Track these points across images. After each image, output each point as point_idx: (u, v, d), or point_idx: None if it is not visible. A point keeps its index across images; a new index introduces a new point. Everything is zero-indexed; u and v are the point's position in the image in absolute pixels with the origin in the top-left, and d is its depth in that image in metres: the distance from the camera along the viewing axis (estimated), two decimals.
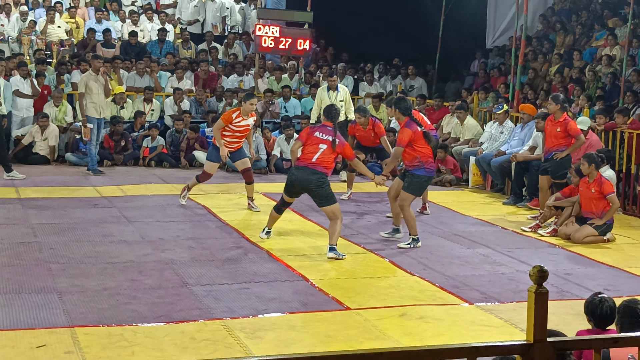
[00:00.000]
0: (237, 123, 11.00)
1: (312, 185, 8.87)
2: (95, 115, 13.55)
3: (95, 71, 13.58)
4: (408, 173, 9.42)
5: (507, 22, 19.58)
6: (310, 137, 9.06)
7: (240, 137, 11.17)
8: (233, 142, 11.14)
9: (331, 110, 9.31)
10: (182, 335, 6.37)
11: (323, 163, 8.93)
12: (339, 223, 8.92)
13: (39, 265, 8.15)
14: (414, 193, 9.42)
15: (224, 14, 19.60)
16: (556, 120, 11.01)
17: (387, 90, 18.06)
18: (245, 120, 11.05)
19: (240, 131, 11.08)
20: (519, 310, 7.18)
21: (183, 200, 11.40)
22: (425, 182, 9.55)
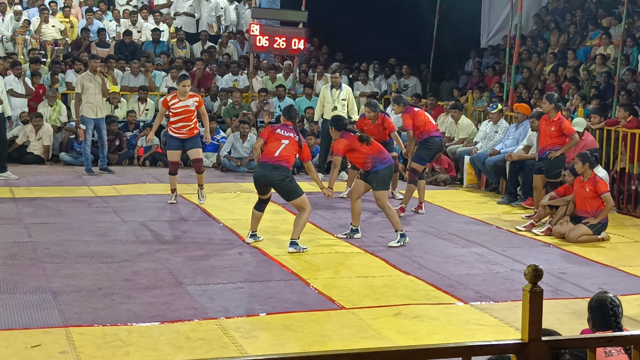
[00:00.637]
0: (174, 105, 11.15)
1: (276, 180, 9.00)
2: (91, 115, 13.54)
3: (92, 71, 13.58)
4: (369, 172, 9.50)
5: (502, 22, 19.59)
6: (272, 134, 9.20)
7: (184, 120, 11.21)
8: (180, 127, 11.22)
9: (290, 110, 9.49)
10: (177, 334, 6.36)
11: (285, 157, 9.04)
12: (306, 215, 9.10)
13: (33, 265, 8.14)
14: (384, 188, 9.53)
15: (219, 13, 19.59)
16: (550, 120, 11.03)
17: (381, 90, 18.08)
18: (183, 101, 11.16)
19: (181, 113, 11.15)
20: (513, 309, 7.19)
21: (203, 199, 11.55)
22: (389, 172, 9.63)
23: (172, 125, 11.27)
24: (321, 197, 12.27)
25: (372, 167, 9.49)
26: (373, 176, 9.47)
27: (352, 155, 9.74)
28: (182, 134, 11.27)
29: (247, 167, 14.53)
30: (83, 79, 13.56)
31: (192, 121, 11.29)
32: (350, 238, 9.72)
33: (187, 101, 11.19)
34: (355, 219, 9.85)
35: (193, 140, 11.39)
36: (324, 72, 17.33)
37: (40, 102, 15.35)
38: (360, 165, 9.75)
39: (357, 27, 19.77)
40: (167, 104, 11.23)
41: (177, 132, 11.24)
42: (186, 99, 11.20)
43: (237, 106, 16.11)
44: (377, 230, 10.25)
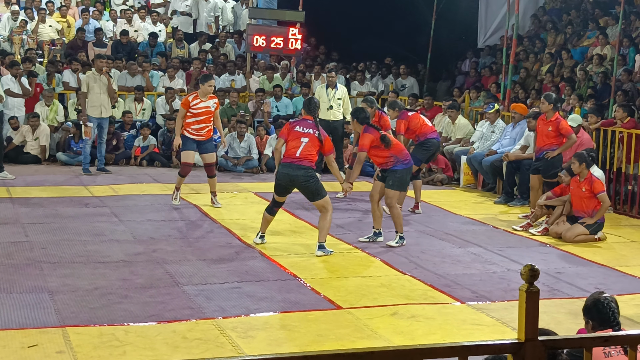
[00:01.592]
0: (196, 106, 10.98)
1: (301, 181, 8.88)
2: (95, 114, 13.55)
3: (98, 71, 13.60)
4: (388, 171, 9.44)
5: (499, 22, 19.61)
6: (291, 132, 9.01)
7: (204, 121, 11.07)
8: (199, 128, 11.06)
9: (310, 103, 9.24)
10: (174, 334, 6.36)
11: (307, 157, 8.90)
12: (329, 217, 8.95)
13: (30, 265, 8.13)
14: (399, 188, 9.47)
15: (217, 13, 19.60)
16: (548, 120, 11.04)
17: (378, 90, 18.08)
18: (204, 102, 11.03)
19: (202, 114, 11.01)
20: (510, 309, 7.20)
21: (175, 201, 11.31)
22: (407, 174, 9.56)
23: (191, 127, 11.05)
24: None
25: (393, 165, 9.39)
26: (391, 174, 9.39)
27: (374, 152, 9.43)
28: (200, 135, 11.11)
29: (244, 166, 14.53)
30: (89, 78, 13.58)
31: (210, 123, 11.18)
32: (373, 242, 9.60)
33: (208, 102, 11.09)
34: (378, 222, 9.67)
35: (209, 143, 11.27)
36: (321, 72, 17.34)
37: (37, 102, 15.34)
38: (380, 163, 9.53)
39: (354, 27, 19.78)
40: (188, 104, 11.02)
41: (195, 133, 11.06)
42: (207, 100, 11.09)
43: (234, 106, 16.11)
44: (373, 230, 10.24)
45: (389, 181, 9.43)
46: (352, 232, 10.14)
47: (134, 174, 13.86)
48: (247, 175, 14.24)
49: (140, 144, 15.08)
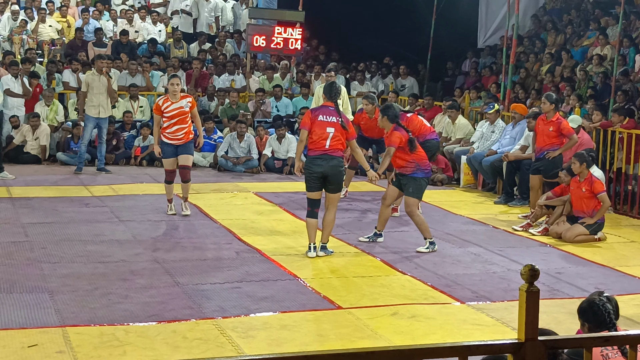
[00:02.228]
0: (167, 108, 10.44)
1: (335, 170, 8.64)
2: (94, 114, 13.56)
3: (98, 71, 13.62)
4: (406, 177, 9.28)
5: (499, 22, 19.62)
6: (314, 122, 8.67)
7: (179, 123, 10.48)
8: (175, 131, 10.50)
9: (332, 88, 8.90)
10: (174, 334, 6.36)
11: (337, 147, 8.67)
12: (334, 214, 8.85)
13: (30, 265, 8.13)
14: (418, 196, 9.34)
15: (217, 13, 19.61)
16: (548, 120, 11.03)
17: (378, 90, 18.08)
18: (175, 103, 10.45)
19: (175, 116, 10.43)
20: (510, 309, 7.20)
21: (171, 212, 10.72)
22: (425, 183, 9.43)
23: (167, 131, 10.50)
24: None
25: (412, 172, 9.21)
26: (411, 182, 9.23)
27: (397, 153, 9.20)
28: (178, 139, 10.53)
29: (243, 166, 14.53)
30: (88, 78, 13.60)
31: (187, 124, 10.55)
32: (373, 242, 9.57)
33: (180, 102, 10.49)
34: (382, 224, 9.61)
35: (187, 145, 10.66)
36: (321, 72, 17.34)
37: (37, 102, 15.35)
38: (400, 166, 9.31)
39: (354, 27, 19.78)
40: (159, 108, 10.48)
41: (172, 137, 10.51)
42: (178, 100, 10.49)
43: (234, 106, 16.11)
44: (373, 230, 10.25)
45: (408, 189, 9.25)
46: (352, 232, 10.14)
47: (134, 174, 13.86)
48: (247, 175, 14.24)
49: (140, 144, 15.08)
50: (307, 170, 8.69)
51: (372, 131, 11.94)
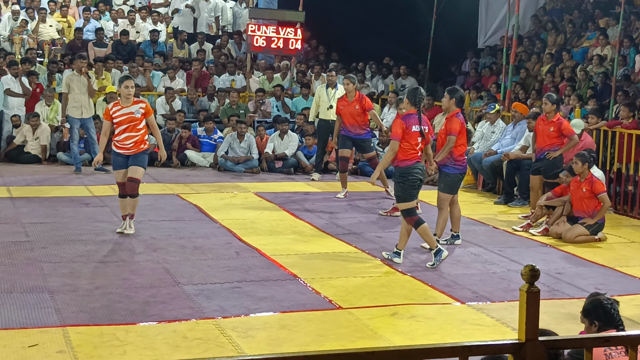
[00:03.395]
0: (116, 113, 9.30)
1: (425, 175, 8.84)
2: (76, 115, 13.59)
3: (78, 71, 13.60)
4: (440, 172, 9.30)
5: (499, 22, 19.62)
6: (408, 133, 8.54)
7: (129, 130, 9.32)
8: (124, 139, 9.35)
9: (416, 94, 8.73)
10: (174, 334, 6.37)
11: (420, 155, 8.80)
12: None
13: (30, 265, 8.14)
14: (451, 192, 9.35)
15: (217, 13, 19.61)
16: (549, 120, 11.02)
17: (378, 90, 18.09)
18: (125, 108, 9.32)
19: (123, 122, 9.25)
20: (510, 310, 7.20)
21: (130, 229, 9.55)
22: (459, 179, 9.46)
23: (115, 139, 9.41)
24: (316, 198, 12.30)
25: (446, 167, 9.22)
26: (443, 176, 9.31)
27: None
28: (126, 148, 9.38)
29: (243, 166, 14.53)
30: (68, 79, 13.62)
31: (138, 132, 9.37)
32: (450, 245, 9.52)
33: (131, 108, 9.35)
34: (456, 225, 9.66)
35: (138, 156, 9.44)
36: (321, 72, 17.35)
37: (38, 102, 15.35)
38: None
39: (354, 27, 19.78)
40: (107, 113, 9.41)
41: (121, 146, 9.39)
42: (129, 105, 9.35)
43: (234, 106, 16.11)
44: (374, 231, 10.26)
45: (441, 183, 9.32)
46: (352, 232, 10.15)
47: None
48: (247, 175, 14.24)
49: None
50: (411, 179, 8.58)
51: (352, 118, 11.90)
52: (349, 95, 11.94)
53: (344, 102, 11.96)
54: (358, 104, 11.93)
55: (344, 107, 11.99)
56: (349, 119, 11.99)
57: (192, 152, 15.03)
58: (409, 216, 8.63)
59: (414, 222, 8.62)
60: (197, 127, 15.59)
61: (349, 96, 11.94)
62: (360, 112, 11.86)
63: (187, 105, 16.22)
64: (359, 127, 12.02)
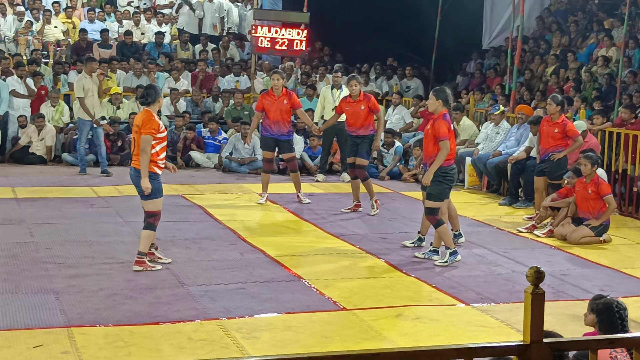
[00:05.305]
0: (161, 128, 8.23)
1: None
2: (88, 117, 13.55)
3: (89, 73, 13.56)
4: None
5: (503, 23, 19.59)
6: (452, 133, 8.73)
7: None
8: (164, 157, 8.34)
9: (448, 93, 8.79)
10: (179, 335, 6.37)
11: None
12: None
13: (35, 266, 8.15)
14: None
15: (222, 14, 19.62)
16: (553, 122, 11.01)
17: (383, 91, 18.08)
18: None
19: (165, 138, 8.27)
20: (515, 311, 7.19)
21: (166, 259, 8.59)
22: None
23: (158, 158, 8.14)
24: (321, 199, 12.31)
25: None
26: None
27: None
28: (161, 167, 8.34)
29: (248, 167, 14.53)
30: (81, 81, 13.53)
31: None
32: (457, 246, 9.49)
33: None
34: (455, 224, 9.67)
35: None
36: (325, 74, 17.34)
37: (43, 103, 15.38)
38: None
39: (359, 28, 19.76)
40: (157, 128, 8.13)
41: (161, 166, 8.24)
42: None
43: (239, 107, 16.12)
44: (379, 232, 10.26)
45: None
46: (356, 234, 10.14)
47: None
48: (252, 176, 14.24)
49: None
50: (449, 179, 8.68)
51: (277, 114, 11.49)
52: (276, 90, 11.48)
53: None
54: (286, 97, 11.52)
55: (269, 102, 11.52)
56: (273, 115, 11.52)
57: (197, 153, 15.05)
58: (432, 215, 8.74)
59: (435, 221, 8.75)
60: (202, 128, 15.60)
61: (276, 91, 11.49)
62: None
63: (191, 107, 16.24)
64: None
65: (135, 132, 8.05)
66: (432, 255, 8.96)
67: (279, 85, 11.49)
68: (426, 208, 8.85)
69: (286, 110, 11.55)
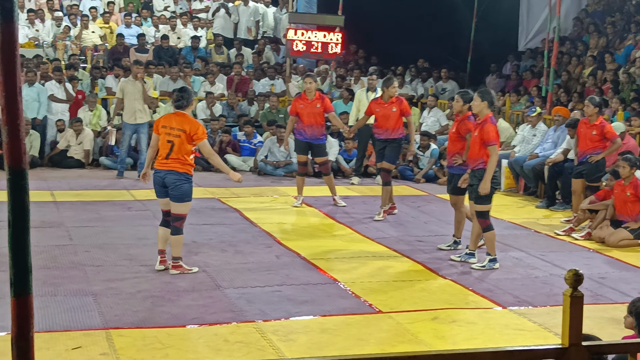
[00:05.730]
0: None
1: None
2: (130, 121, 13.64)
3: (134, 77, 13.68)
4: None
5: (540, 24, 19.46)
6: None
7: None
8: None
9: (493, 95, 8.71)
10: (216, 337, 6.40)
11: None
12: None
13: (74, 268, 8.24)
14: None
15: (257, 18, 19.72)
16: (591, 124, 10.90)
17: (418, 93, 18.04)
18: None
19: None
20: (553, 314, 7.13)
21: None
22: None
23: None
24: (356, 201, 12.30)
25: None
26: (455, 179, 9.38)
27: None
28: None
29: (283, 170, 14.57)
30: (122, 84, 13.68)
31: None
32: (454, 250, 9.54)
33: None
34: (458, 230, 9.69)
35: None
36: (360, 76, 17.34)
37: (81, 107, 15.56)
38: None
39: (394, 30, 19.74)
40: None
41: None
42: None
43: (274, 110, 16.18)
44: (414, 235, 10.23)
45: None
46: (393, 236, 10.12)
47: None
48: (287, 179, 14.28)
49: None
50: (494, 182, 8.66)
51: (310, 117, 11.45)
52: (309, 94, 11.48)
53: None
54: (319, 101, 11.49)
55: (303, 105, 11.50)
56: (307, 119, 11.49)
57: (233, 156, 15.12)
58: (482, 218, 8.71)
59: (485, 225, 8.71)
60: (237, 132, 15.68)
61: (309, 94, 11.49)
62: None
63: (227, 110, 16.33)
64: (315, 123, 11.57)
65: (176, 137, 8.05)
66: (469, 258, 8.92)
67: (312, 88, 11.49)
68: (476, 212, 8.77)
69: (319, 113, 11.53)
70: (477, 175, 8.63)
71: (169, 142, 8.09)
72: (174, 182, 8.07)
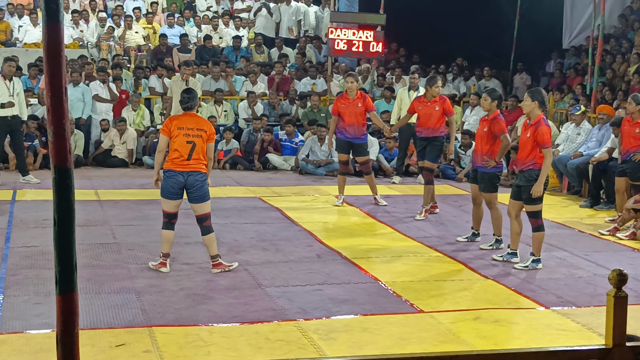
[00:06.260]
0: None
1: None
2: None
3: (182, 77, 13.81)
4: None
5: (584, 22, 19.24)
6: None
7: None
8: None
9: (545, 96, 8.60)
10: (257, 335, 6.44)
11: None
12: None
13: (117, 266, 8.34)
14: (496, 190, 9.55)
15: (299, 17, 19.77)
16: (635, 121, 10.76)
17: (460, 92, 17.94)
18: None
19: None
20: (596, 315, 7.05)
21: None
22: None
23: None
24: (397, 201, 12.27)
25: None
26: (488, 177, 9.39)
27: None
28: None
29: (324, 169, 14.59)
30: (172, 83, 13.80)
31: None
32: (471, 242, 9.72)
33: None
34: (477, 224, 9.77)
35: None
36: (402, 75, 17.29)
37: (124, 107, 15.74)
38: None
39: (435, 28, 19.65)
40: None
41: None
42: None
43: (316, 109, 16.21)
44: (456, 235, 10.18)
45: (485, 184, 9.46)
46: (434, 235, 10.09)
47: (217, 177, 14.03)
48: (328, 178, 14.30)
49: (223, 148, 15.30)
50: (546, 182, 8.74)
51: (352, 117, 11.45)
52: (351, 93, 11.46)
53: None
54: (361, 100, 11.47)
55: (344, 105, 11.48)
56: (348, 118, 11.48)
57: (274, 155, 15.18)
58: (534, 218, 8.65)
59: (537, 224, 8.64)
60: (279, 131, 15.73)
61: (351, 94, 11.47)
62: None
63: (268, 109, 16.40)
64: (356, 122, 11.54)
65: (197, 137, 8.02)
66: (511, 258, 8.85)
67: (353, 88, 11.46)
68: (529, 212, 8.69)
69: (361, 112, 11.50)
70: (527, 176, 8.53)
71: (189, 142, 8.01)
72: (197, 182, 8.05)
